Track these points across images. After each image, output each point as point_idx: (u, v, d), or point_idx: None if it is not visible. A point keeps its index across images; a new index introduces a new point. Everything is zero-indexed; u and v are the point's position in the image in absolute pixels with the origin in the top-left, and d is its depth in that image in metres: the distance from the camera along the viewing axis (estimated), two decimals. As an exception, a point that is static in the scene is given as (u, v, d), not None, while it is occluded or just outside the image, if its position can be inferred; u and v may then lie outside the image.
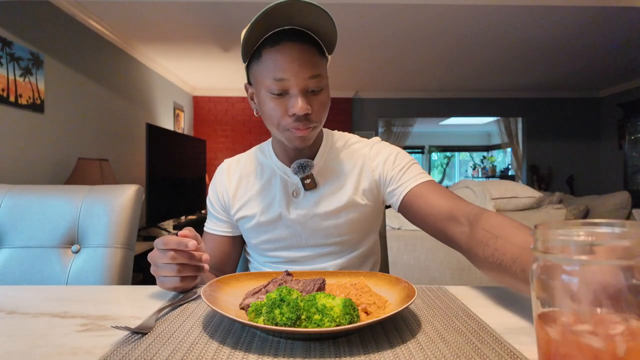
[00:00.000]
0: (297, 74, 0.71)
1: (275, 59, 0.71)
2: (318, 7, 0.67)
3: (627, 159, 5.18)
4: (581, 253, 0.31)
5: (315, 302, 0.48)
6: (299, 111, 0.72)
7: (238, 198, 0.90)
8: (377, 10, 3.05)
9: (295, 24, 0.72)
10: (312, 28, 0.73)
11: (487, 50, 4.02)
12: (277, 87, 0.72)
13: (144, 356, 0.43)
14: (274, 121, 0.76)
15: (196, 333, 0.50)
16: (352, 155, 0.90)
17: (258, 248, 0.91)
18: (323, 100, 0.76)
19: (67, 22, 2.88)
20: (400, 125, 6.86)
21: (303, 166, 0.82)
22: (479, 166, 9.52)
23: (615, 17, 3.20)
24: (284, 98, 0.73)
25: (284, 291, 0.50)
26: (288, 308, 0.47)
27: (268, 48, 0.72)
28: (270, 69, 0.72)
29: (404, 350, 0.45)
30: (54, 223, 0.92)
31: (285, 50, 0.71)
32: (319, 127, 0.79)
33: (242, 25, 3.35)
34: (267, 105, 0.75)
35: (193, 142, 4.41)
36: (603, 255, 0.30)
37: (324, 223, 0.86)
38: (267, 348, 0.46)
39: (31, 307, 0.60)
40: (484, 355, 0.44)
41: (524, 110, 6.06)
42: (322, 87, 0.75)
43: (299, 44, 0.72)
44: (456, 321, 0.54)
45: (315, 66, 0.73)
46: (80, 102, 3.00)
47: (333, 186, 0.87)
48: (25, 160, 2.45)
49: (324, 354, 0.44)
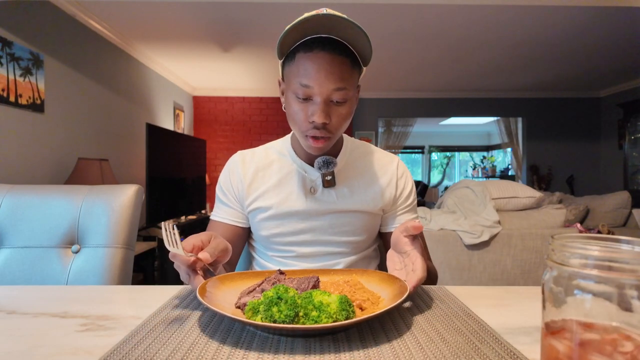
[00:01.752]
0: (322, 84, 0.73)
1: (305, 65, 0.74)
2: (356, 25, 0.69)
3: (627, 159, 5.18)
4: (598, 268, 0.30)
5: (312, 299, 0.49)
6: (318, 119, 0.74)
7: (254, 189, 0.91)
8: (377, 10, 3.05)
9: (333, 34, 0.74)
10: (349, 40, 0.74)
11: (487, 50, 4.02)
12: (302, 92, 0.75)
13: (144, 356, 0.43)
14: (295, 124, 0.79)
15: (196, 333, 0.50)
16: (377, 163, 0.94)
17: (268, 241, 0.91)
18: (343, 113, 0.78)
19: (67, 22, 2.88)
20: (400, 125, 6.86)
21: (327, 162, 0.85)
22: (479, 166, 9.51)
23: (615, 17, 3.20)
24: (307, 103, 0.76)
25: (280, 289, 0.50)
26: (286, 305, 0.47)
27: (301, 53, 0.74)
28: (299, 73, 0.74)
29: (403, 350, 0.45)
30: (54, 223, 0.92)
31: (316, 58, 0.73)
32: (335, 137, 0.81)
33: (243, 25, 3.35)
34: (292, 107, 0.78)
35: (193, 142, 4.41)
36: (620, 273, 0.30)
37: (339, 221, 0.88)
38: (267, 347, 0.46)
39: (31, 307, 0.60)
40: (484, 355, 0.44)
41: (524, 110, 6.06)
42: (345, 100, 0.77)
43: (330, 53, 0.73)
44: (456, 321, 0.54)
45: (342, 79, 0.74)
46: (80, 102, 3.00)
47: (353, 187, 0.90)
48: (25, 160, 2.45)
49: (324, 352, 0.44)
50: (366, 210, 0.90)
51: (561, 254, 0.32)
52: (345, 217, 0.89)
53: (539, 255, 2.22)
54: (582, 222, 3.45)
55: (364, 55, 0.77)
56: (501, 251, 2.22)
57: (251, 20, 3.18)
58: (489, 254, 2.22)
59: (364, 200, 0.90)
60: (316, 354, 0.44)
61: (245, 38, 3.63)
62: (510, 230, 2.23)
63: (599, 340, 0.30)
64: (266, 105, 5.82)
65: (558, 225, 2.30)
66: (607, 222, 3.42)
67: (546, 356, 0.34)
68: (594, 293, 0.30)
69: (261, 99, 5.82)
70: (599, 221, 3.43)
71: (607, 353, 0.29)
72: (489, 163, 9.41)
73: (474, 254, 2.22)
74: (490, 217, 2.24)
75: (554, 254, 0.33)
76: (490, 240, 2.20)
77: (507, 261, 2.22)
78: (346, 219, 0.89)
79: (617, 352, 0.29)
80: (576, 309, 0.31)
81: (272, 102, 5.83)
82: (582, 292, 0.30)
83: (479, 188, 2.40)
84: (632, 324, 0.29)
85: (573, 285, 0.31)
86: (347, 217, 0.89)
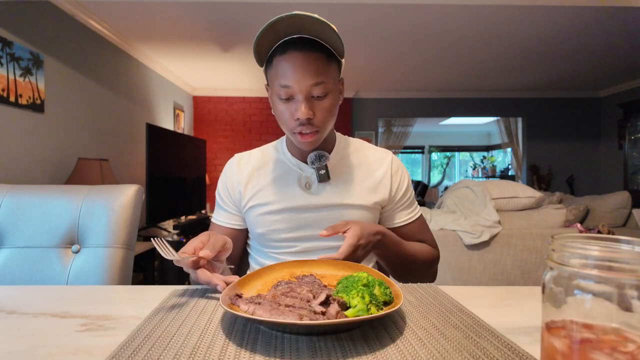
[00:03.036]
0: (299, 81, 0.76)
1: (282, 66, 0.77)
2: (320, 19, 0.73)
3: (627, 159, 5.18)
4: (598, 268, 0.30)
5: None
6: (302, 116, 0.77)
7: (250, 188, 0.93)
8: (377, 10, 3.05)
9: (304, 32, 0.77)
10: (320, 36, 0.78)
11: (487, 50, 4.02)
12: (283, 92, 0.78)
13: (149, 356, 0.43)
14: (283, 124, 0.83)
15: (198, 334, 0.50)
16: (371, 158, 0.96)
17: (264, 238, 0.92)
18: (326, 106, 0.80)
19: (67, 22, 2.88)
20: (400, 125, 6.86)
21: (319, 156, 0.87)
22: (479, 166, 9.51)
23: (615, 17, 3.20)
24: (290, 103, 0.80)
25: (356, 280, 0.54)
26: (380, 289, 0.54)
27: (278, 56, 0.78)
28: (278, 75, 0.78)
29: (407, 347, 0.46)
30: (54, 223, 0.92)
31: (290, 59, 0.76)
32: (323, 130, 0.83)
33: (243, 25, 3.35)
34: (277, 109, 0.82)
35: (193, 142, 4.41)
36: (620, 273, 0.29)
37: (334, 215, 0.90)
38: (272, 347, 0.46)
39: (31, 307, 0.60)
40: (484, 349, 0.45)
41: (524, 110, 6.06)
42: (326, 93, 0.79)
43: (304, 52, 0.76)
44: (451, 316, 0.55)
45: (319, 73, 0.77)
46: (80, 102, 3.00)
47: (347, 181, 0.92)
48: (25, 160, 2.45)
49: (330, 353, 0.44)
50: (361, 203, 0.91)
51: (561, 254, 0.32)
52: (340, 211, 0.90)
53: (539, 255, 2.22)
54: (582, 222, 3.45)
55: (336, 48, 0.80)
56: (501, 251, 2.22)
57: (251, 20, 3.18)
58: (489, 254, 2.22)
59: (358, 194, 0.91)
60: (323, 356, 0.44)
61: (245, 38, 3.63)
62: (510, 230, 2.23)
63: (599, 340, 0.30)
64: (266, 105, 5.82)
65: (558, 225, 2.30)
66: (607, 222, 3.42)
67: (546, 356, 0.34)
68: (594, 293, 0.30)
69: (261, 99, 5.82)
70: (599, 221, 3.43)
71: (607, 353, 0.29)
72: (489, 163, 9.40)
73: (474, 254, 2.22)
74: (490, 217, 2.24)
75: (554, 254, 0.33)
76: (490, 240, 2.20)
77: (507, 261, 2.22)
78: (341, 213, 0.90)
79: (617, 352, 0.29)
80: (576, 309, 0.31)
81: (272, 102, 5.82)
82: (582, 292, 0.30)
83: (479, 188, 2.40)
84: (632, 324, 0.29)
85: (573, 285, 0.31)
86: (342, 211, 0.90)
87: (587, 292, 0.30)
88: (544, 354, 0.34)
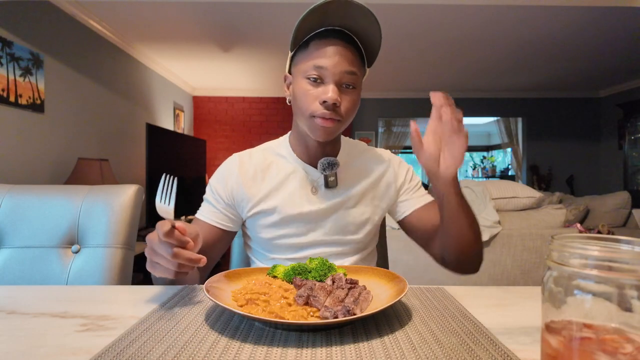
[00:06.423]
0: (335, 65, 0.77)
1: (321, 48, 0.78)
2: (369, 12, 0.75)
3: (627, 159, 5.18)
4: (598, 268, 0.30)
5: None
6: (330, 99, 0.76)
7: (254, 193, 0.89)
8: (377, 10, 3.03)
9: (346, 26, 0.79)
10: (360, 33, 0.80)
11: (487, 50, 4.01)
12: (316, 73, 0.78)
13: (139, 353, 0.43)
14: (304, 106, 0.80)
15: (193, 329, 0.50)
16: (373, 159, 0.95)
17: (270, 243, 0.89)
18: (353, 99, 0.81)
19: (67, 22, 2.88)
20: (400, 125, 6.85)
21: (331, 164, 0.86)
22: (479, 166, 9.51)
23: (615, 17, 3.20)
24: (318, 86, 0.79)
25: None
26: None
27: (316, 40, 0.79)
28: (313, 56, 0.78)
29: (396, 351, 0.45)
30: (54, 223, 0.92)
31: (331, 43, 0.78)
32: (343, 123, 0.82)
33: (242, 25, 3.35)
34: (301, 90, 0.80)
35: (193, 142, 4.41)
36: (620, 273, 0.29)
37: (341, 220, 0.89)
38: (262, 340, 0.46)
39: (31, 307, 0.60)
40: (477, 357, 0.44)
41: (524, 110, 6.06)
42: (355, 86, 0.81)
43: (344, 42, 0.79)
44: (452, 322, 0.54)
45: (354, 64, 0.79)
46: (80, 102, 3.00)
47: (354, 186, 0.91)
48: (25, 160, 2.45)
49: (316, 346, 0.44)
50: (367, 207, 0.90)
51: (561, 254, 0.32)
52: (347, 216, 0.89)
53: (539, 255, 2.22)
54: (582, 222, 3.45)
55: (371, 52, 0.82)
56: (501, 251, 2.22)
57: (251, 20, 3.18)
58: (489, 254, 2.22)
59: (365, 198, 0.91)
60: (309, 348, 0.45)
61: (245, 38, 3.63)
62: (510, 231, 2.23)
63: (599, 341, 0.30)
64: (266, 105, 5.82)
65: (558, 225, 2.30)
66: (607, 222, 3.42)
67: (546, 356, 0.34)
68: (594, 293, 0.30)
69: (261, 99, 5.82)
70: (599, 221, 3.43)
71: (607, 353, 0.29)
72: (489, 163, 9.40)
73: (474, 254, 2.22)
74: (490, 217, 2.24)
75: (554, 254, 0.33)
76: (490, 240, 2.20)
77: (507, 261, 2.22)
78: (348, 218, 0.89)
79: (617, 352, 0.29)
80: (576, 309, 0.31)
81: (272, 102, 5.82)
82: (582, 292, 0.30)
83: (479, 188, 2.39)
84: (632, 324, 0.29)
85: (573, 285, 0.31)
86: (349, 216, 0.89)
87: (587, 292, 0.30)
88: (543, 354, 0.34)
